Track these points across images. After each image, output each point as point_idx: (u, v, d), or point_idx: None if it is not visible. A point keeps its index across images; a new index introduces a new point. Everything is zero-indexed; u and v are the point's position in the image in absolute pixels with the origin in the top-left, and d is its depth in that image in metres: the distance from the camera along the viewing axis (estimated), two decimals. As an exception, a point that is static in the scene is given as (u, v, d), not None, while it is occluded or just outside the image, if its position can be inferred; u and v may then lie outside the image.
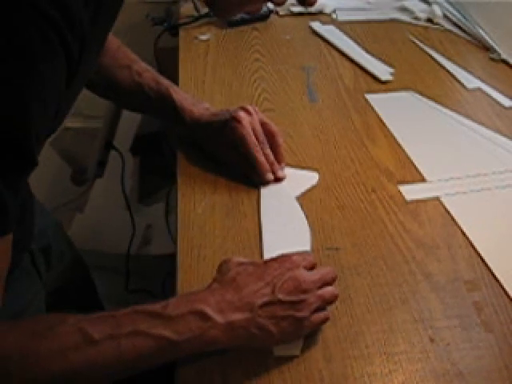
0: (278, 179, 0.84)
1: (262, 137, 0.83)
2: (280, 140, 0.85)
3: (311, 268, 0.62)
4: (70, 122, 1.88)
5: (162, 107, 0.89)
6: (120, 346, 0.51)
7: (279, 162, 0.85)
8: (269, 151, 0.83)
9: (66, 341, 0.50)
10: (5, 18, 0.43)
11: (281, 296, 0.57)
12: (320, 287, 0.60)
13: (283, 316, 0.57)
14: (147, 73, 0.89)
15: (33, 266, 0.82)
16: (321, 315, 0.60)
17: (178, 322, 0.54)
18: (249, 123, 0.82)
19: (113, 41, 0.90)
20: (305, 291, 0.58)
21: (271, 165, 0.83)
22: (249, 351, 0.60)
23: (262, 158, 0.82)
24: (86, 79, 0.58)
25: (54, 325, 0.52)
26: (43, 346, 0.50)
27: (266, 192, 0.82)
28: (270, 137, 0.84)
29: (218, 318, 0.55)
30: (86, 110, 1.85)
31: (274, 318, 0.57)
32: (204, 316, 0.55)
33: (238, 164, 0.84)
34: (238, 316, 0.56)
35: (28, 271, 0.81)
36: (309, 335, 0.62)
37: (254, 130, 0.82)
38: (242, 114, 0.82)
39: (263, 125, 0.84)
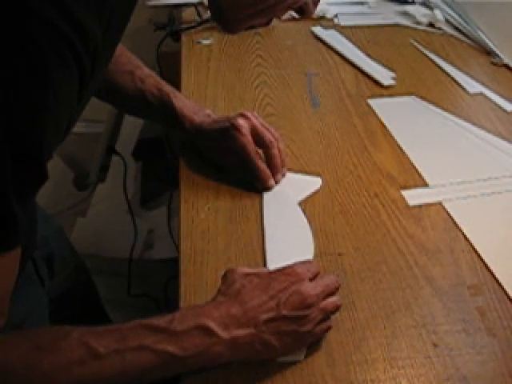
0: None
1: (267, 136, 0.83)
2: (281, 145, 0.85)
3: (315, 277, 0.62)
4: (72, 127, 1.88)
5: (163, 114, 0.89)
6: (124, 361, 0.52)
7: (281, 167, 0.85)
8: (276, 151, 0.83)
9: (70, 355, 0.51)
10: (19, 37, 0.43)
11: (285, 312, 0.57)
12: (323, 298, 0.60)
13: (287, 331, 0.57)
14: (149, 78, 0.89)
15: (36, 274, 0.82)
16: (323, 326, 0.60)
17: (182, 337, 0.54)
18: (248, 131, 0.82)
19: None
20: (309, 306, 0.58)
21: (276, 167, 0.83)
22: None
23: (262, 166, 0.82)
24: (95, 90, 0.59)
25: (59, 338, 0.52)
26: (48, 361, 0.50)
27: (269, 197, 0.82)
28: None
29: (223, 334, 0.55)
30: (89, 115, 1.85)
31: (278, 334, 0.57)
32: (209, 332, 0.55)
33: (239, 170, 0.84)
34: (242, 332, 0.56)
35: (31, 279, 0.81)
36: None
37: (256, 132, 0.82)
38: (241, 122, 0.82)
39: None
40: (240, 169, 0.84)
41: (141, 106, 0.90)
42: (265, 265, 0.71)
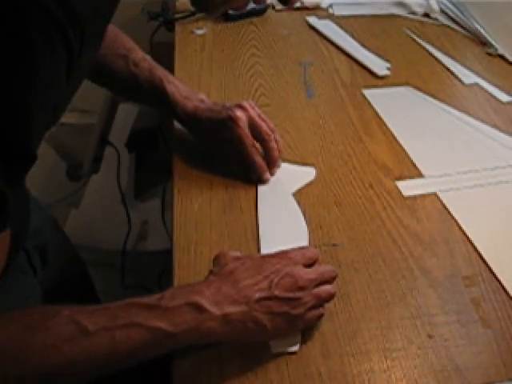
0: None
1: (264, 128, 0.82)
2: (277, 137, 0.84)
3: (312, 264, 0.62)
4: (65, 118, 1.86)
5: (155, 99, 0.87)
6: (115, 338, 0.51)
7: (278, 159, 0.84)
8: (274, 144, 0.83)
9: (59, 333, 0.50)
10: (5, 14, 0.42)
11: (277, 292, 0.57)
12: (317, 285, 0.60)
13: (279, 312, 0.57)
14: (143, 62, 0.88)
15: (28, 265, 0.81)
16: (315, 313, 0.60)
17: (173, 313, 0.54)
18: (246, 123, 0.81)
19: (110, 29, 0.88)
20: (301, 288, 0.58)
21: (273, 160, 0.83)
22: (247, 348, 0.60)
23: (259, 159, 0.82)
24: (86, 73, 0.58)
25: (48, 317, 0.51)
26: (37, 339, 0.49)
27: (263, 188, 0.82)
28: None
29: (214, 310, 0.55)
30: (82, 105, 1.84)
31: (270, 314, 0.57)
32: (200, 308, 0.55)
33: (234, 161, 0.83)
34: (234, 309, 0.56)
35: (23, 270, 0.80)
36: (307, 332, 0.61)
37: (254, 124, 0.81)
38: (238, 114, 0.81)
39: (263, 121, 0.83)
40: (235, 160, 0.83)
41: (134, 91, 0.89)
42: (259, 256, 0.71)
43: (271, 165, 0.83)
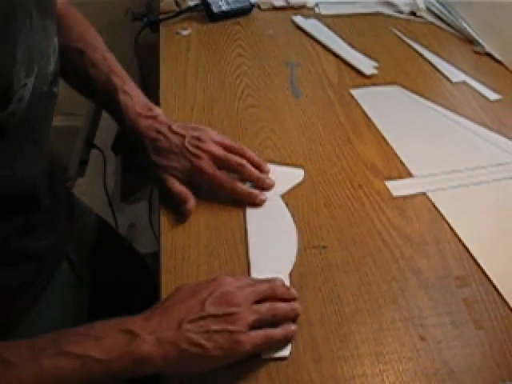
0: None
1: (235, 162, 0.78)
2: (250, 153, 0.80)
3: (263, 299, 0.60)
4: (49, 121, 1.85)
5: (109, 109, 0.82)
6: (42, 369, 0.48)
7: (262, 171, 0.81)
8: (251, 169, 0.79)
9: None
10: None
11: (210, 310, 0.55)
12: (260, 302, 0.59)
13: (216, 330, 0.55)
14: (103, 64, 0.80)
15: (72, 274, 0.79)
16: (260, 333, 0.57)
17: (104, 340, 0.52)
18: (212, 165, 0.76)
19: (68, 15, 0.81)
20: (236, 304, 0.57)
21: (260, 182, 0.79)
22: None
23: (244, 190, 0.78)
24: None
25: None
26: None
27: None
28: (241, 155, 0.80)
29: (146, 335, 0.53)
30: (66, 108, 1.82)
31: (207, 333, 0.54)
32: (131, 332, 0.53)
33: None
34: (165, 333, 0.54)
35: (67, 282, 0.78)
36: (297, 336, 0.60)
37: (222, 162, 0.77)
38: (201, 163, 0.76)
39: (226, 148, 0.79)
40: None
41: (89, 92, 0.84)
42: (248, 259, 0.70)
43: (259, 185, 0.80)
